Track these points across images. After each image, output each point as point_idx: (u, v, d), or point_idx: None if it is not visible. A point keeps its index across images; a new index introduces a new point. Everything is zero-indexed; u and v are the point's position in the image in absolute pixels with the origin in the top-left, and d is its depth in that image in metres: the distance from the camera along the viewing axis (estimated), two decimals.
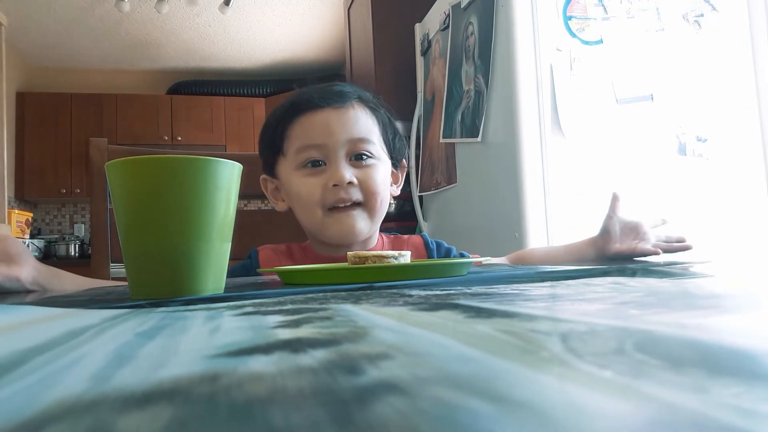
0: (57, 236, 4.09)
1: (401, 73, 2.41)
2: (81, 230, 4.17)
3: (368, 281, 0.41)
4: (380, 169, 0.76)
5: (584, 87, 1.43)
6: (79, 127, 4.00)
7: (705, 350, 0.13)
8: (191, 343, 0.18)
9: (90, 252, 1.38)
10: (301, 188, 0.74)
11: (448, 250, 0.83)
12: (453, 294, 0.30)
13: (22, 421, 0.10)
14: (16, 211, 3.55)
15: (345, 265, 0.49)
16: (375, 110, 0.78)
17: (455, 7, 1.80)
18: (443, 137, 1.85)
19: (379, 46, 2.51)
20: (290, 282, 0.47)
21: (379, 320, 0.21)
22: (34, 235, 3.92)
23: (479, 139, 1.60)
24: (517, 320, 0.19)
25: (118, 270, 0.94)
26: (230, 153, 2.31)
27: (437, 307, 0.24)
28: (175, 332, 0.20)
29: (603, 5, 1.45)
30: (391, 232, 0.87)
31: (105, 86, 4.27)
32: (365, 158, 0.75)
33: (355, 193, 0.73)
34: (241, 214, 0.45)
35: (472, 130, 1.65)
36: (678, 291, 0.28)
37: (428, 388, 0.11)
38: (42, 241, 3.81)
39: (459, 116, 1.75)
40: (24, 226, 3.61)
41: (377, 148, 0.76)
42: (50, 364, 0.15)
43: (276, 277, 0.56)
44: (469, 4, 1.70)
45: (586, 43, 1.44)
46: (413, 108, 2.15)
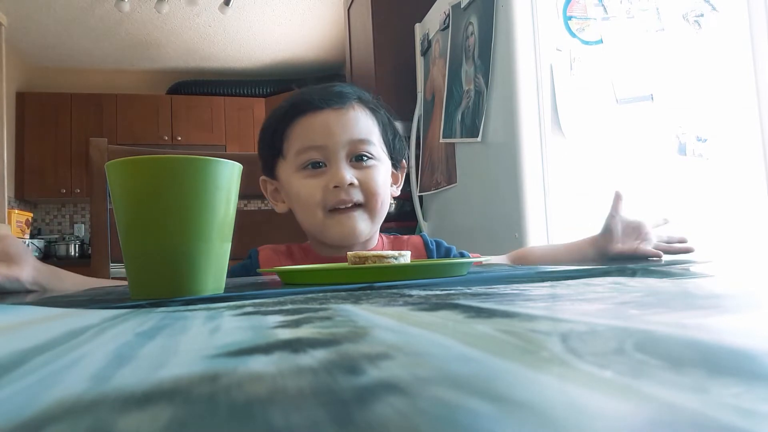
0: (57, 236, 4.09)
1: (401, 73, 2.41)
2: (81, 230, 4.17)
3: (368, 281, 0.41)
4: (381, 170, 0.76)
5: (584, 87, 1.42)
6: (79, 127, 4.00)
7: (705, 350, 0.13)
8: (191, 343, 0.18)
9: (90, 252, 1.38)
10: (302, 190, 0.74)
11: (448, 250, 0.83)
12: (453, 294, 0.30)
13: (22, 421, 0.10)
14: (16, 211, 3.55)
15: (345, 265, 0.49)
16: (375, 111, 0.78)
17: (455, 7, 1.80)
18: (443, 137, 1.85)
19: (379, 46, 2.51)
20: (290, 282, 0.47)
21: (379, 320, 0.21)
22: (34, 235, 3.92)
23: (479, 139, 1.60)
24: (517, 320, 0.19)
25: (118, 270, 0.94)
26: (230, 153, 2.31)
27: (437, 307, 0.24)
28: (175, 332, 0.20)
29: (603, 5, 1.45)
30: (391, 232, 0.87)
31: (105, 86, 4.27)
32: (366, 159, 0.74)
33: (356, 195, 0.73)
34: (241, 214, 0.45)
35: (472, 130, 1.65)
36: (678, 291, 0.28)
37: (428, 388, 0.11)
38: (42, 241, 3.82)
39: (459, 116, 1.75)
40: (24, 226, 3.61)
41: (377, 149, 0.76)
42: (50, 364, 0.15)
43: (276, 277, 0.56)
44: (469, 4, 1.70)
45: (586, 43, 1.44)
46: (413, 108, 2.15)
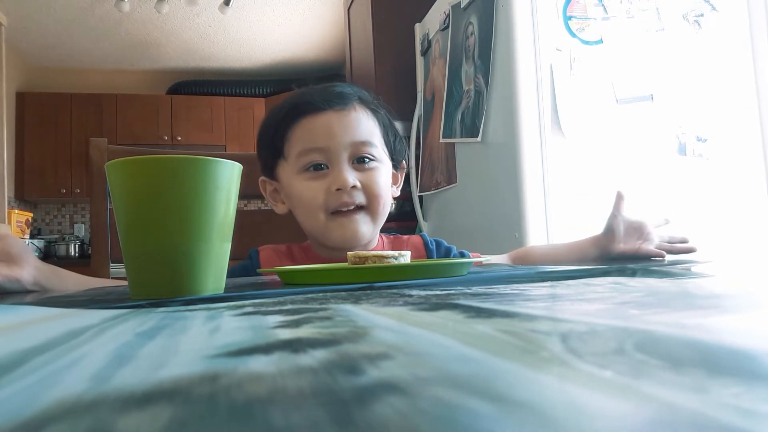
0: (57, 236, 4.09)
1: (401, 73, 2.41)
2: (81, 230, 4.17)
3: (368, 281, 0.40)
4: (382, 172, 0.76)
5: (584, 87, 1.42)
6: (79, 127, 4.00)
7: (705, 350, 0.13)
8: (191, 343, 0.18)
9: (90, 252, 1.38)
10: (304, 192, 0.73)
11: (448, 249, 0.83)
12: (453, 294, 0.30)
13: (22, 421, 0.10)
14: (16, 211, 3.55)
15: (345, 265, 0.49)
16: (376, 112, 0.78)
17: (455, 7, 1.80)
18: (443, 137, 1.85)
19: (379, 46, 2.51)
20: (290, 282, 0.47)
21: (379, 320, 0.21)
22: (34, 235, 3.92)
23: (479, 139, 1.60)
24: (517, 320, 0.19)
25: (118, 270, 0.94)
26: (230, 153, 2.30)
27: (437, 307, 0.24)
28: (175, 332, 0.20)
29: (603, 5, 1.45)
30: (391, 232, 0.86)
31: (105, 86, 4.27)
32: (367, 161, 0.74)
33: (359, 197, 0.72)
34: (241, 214, 0.45)
35: (472, 130, 1.65)
36: (678, 291, 0.28)
37: (428, 388, 0.11)
38: (42, 241, 3.82)
39: (459, 116, 1.75)
40: (24, 226, 3.61)
41: (379, 150, 0.76)
42: (50, 364, 0.15)
43: (276, 277, 0.56)
44: (469, 4, 1.70)
45: (586, 43, 1.44)
46: (413, 108, 2.15)
